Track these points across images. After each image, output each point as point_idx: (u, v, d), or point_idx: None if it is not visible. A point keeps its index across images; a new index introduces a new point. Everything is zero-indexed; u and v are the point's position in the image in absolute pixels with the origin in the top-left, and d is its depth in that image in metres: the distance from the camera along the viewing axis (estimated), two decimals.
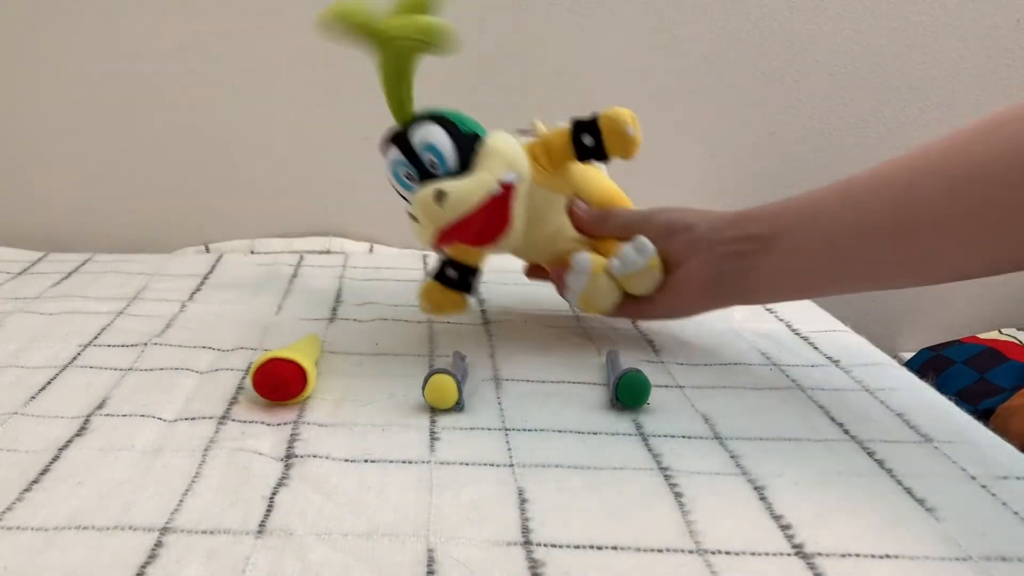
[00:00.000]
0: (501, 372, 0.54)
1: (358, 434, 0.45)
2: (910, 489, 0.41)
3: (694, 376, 0.54)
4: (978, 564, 0.35)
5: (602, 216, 0.57)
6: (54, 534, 0.35)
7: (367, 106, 0.89)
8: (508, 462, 0.42)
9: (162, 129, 0.88)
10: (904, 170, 0.47)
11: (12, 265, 0.78)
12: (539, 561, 0.34)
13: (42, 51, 0.85)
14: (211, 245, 0.89)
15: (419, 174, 0.52)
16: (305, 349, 0.51)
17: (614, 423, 0.47)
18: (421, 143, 0.51)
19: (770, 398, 0.51)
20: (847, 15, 0.89)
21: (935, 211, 0.44)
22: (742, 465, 0.43)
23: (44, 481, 0.40)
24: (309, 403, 0.49)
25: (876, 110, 0.92)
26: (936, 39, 0.90)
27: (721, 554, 0.35)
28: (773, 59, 0.90)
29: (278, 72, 0.87)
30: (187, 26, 0.85)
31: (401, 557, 0.35)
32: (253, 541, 0.35)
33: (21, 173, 0.89)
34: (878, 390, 0.53)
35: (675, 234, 0.54)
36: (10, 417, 0.46)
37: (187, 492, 0.39)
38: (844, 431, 0.47)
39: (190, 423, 0.46)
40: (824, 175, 0.51)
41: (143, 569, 0.33)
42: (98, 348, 0.57)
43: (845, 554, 0.35)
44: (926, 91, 0.92)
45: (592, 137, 0.54)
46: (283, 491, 0.39)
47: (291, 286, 0.73)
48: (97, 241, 0.89)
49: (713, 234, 0.53)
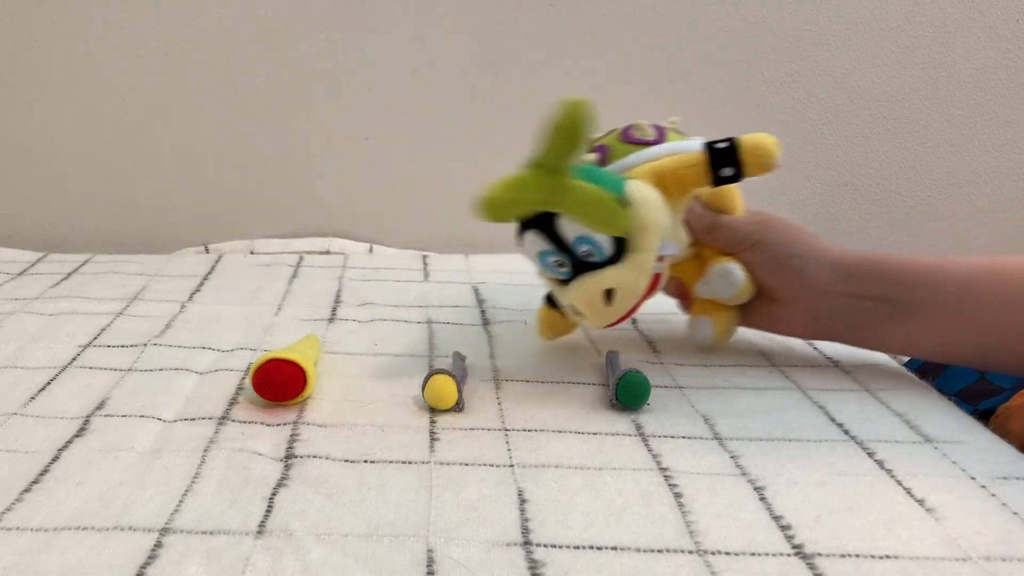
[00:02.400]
0: (501, 372, 0.54)
1: (358, 434, 0.45)
2: (910, 489, 0.41)
3: (694, 376, 0.54)
4: (978, 564, 0.35)
5: (711, 226, 0.54)
6: (53, 535, 0.35)
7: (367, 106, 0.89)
8: (508, 462, 0.42)
9: (162, 129, 0.88)
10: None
11: (12, 266, 0.78)
12: (539, 561, 0.34)
13: (42, 51, 0.85)
14: (211, 245, 0.89)
15: (572, 262, 0.48)
16: (305, 350, 0.50)
17: (614, 423, 0.47)
18: (574, 236, 0.47)
19: (770, 398, 0.51)
20: (847, 16, 0.89)
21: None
22: (742, 465, 0.43)
23: (44, 481, 0.40)
24: (309, 403, 0.49)
25: (876, 110, 0.92)
26: (936, 39, 0.90)
27: (721, 554, 0.35)
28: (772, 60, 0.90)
29: (278, 72, 0.87)
30: (187, 26, 0.85)
31: (401, 557, 0.35)
32: (253, 541, 0.35)
33: (21, 173, 0.89)
34: (878, 391, 0.53)
35: (782, 271, 0.52)
36: (10, 418, 0.46)
37: (187, 492, 0.39)
38: (844, 431, 0.47)
39: (190, 423, 0.46)
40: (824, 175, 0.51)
41: (143, 569, 0.33)
42: (98, 349, 0.57)
43: (845, 554, 0.35)
44: (926, 91, 0.92)
45: (732, 167, 0.49)
46: (283, 491, 0.39)
47: (291, 286, 0.73)
48: (97, 242, 0.89)
49: (826, 283, 0.51)
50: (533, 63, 0.88)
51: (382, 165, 0.91)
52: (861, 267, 0.51)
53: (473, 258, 0.85)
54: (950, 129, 0.93)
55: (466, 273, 0.79)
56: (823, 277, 0.51)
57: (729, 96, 0.91)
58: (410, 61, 0.87)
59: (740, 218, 0.55)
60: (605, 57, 0.88)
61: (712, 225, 0.54)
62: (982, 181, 0.96)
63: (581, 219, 0.45)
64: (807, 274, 0.52)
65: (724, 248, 0.55)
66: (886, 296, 0.50)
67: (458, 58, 0.88)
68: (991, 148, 0.94)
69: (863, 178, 0.95)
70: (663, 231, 0.48)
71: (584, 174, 0.47)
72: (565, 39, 0.88)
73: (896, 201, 0.96)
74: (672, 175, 0.51)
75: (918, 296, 0.49)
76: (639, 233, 0.47)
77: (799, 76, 0.91)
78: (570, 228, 0.47)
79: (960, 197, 0.96)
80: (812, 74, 0.91)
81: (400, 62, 0.87)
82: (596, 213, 0.45)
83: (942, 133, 0.93)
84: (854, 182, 0.95)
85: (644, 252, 0.47)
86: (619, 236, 0.46)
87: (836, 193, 0.95)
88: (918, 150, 0.94)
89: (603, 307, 0.48)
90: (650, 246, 0.47)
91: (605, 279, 0.47)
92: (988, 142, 0.94)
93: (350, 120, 0.89)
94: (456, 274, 0.79)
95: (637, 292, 0.48)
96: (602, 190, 0.45)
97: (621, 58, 0.89)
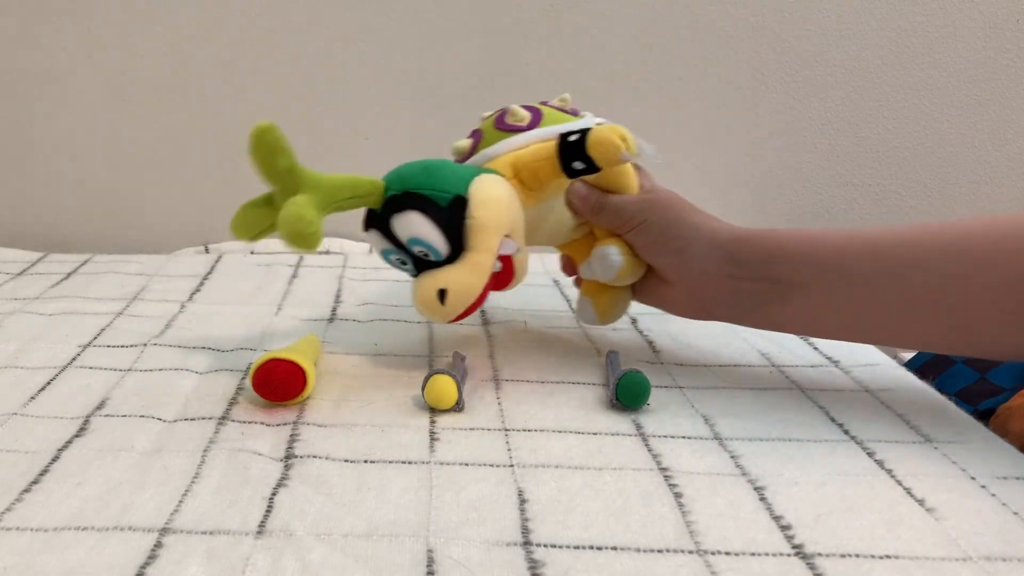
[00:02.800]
0: (501, 372, 0.54)
1: (358, 434, 0.45)
2: (910, 489, 0.41)
3: (694, 377, 0.54)
4: (978, 564, 0.35)
5: (597, 206, 0.53)
6: (53, 535, 0.35)
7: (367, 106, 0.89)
8: (508, 462, 0.42)
9: (162, 129, 0.88)
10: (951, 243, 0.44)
11: (12, 266, 0.78)
12: (539, 561, 0.34)
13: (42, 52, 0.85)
14: (211, 245, 0.89)
15: (412, 261, 0.49)
16: (305, 350, 0.50)
17: (614, 423, 0.47)
18: (407, 238, 0.48)
19: (770, 398, 0.51)
20: (847, 16, 0.89)
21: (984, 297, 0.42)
22: (742, 465, 0.43)
23: (44, 481, 0.40)
24: (309, 403, 0.49)
25: (875, 110, 0.92)
26: (936, 39, 0.90)
27: (721, 554, 0.35)
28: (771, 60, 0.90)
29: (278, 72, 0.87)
30: (187, 26, 0.85)
31: (400, 557, 0.34)
32: (253, 541, 0.35)
33: (21, 173, 0.89)
34: (878, 390, 0.53)
35: (665, 253, 0.51)
36: (10, 418, 0.46)
37: (187, 493, 0.39)
38: (844, 431, 0.47)
39: (190, 423, 0.46)
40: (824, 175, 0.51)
41: (142, 570, 0.33)
42: (98, 349, 0.57)
43: (845, 554, 0.35)
44: (926, 91, 0.92)
45: (583, 162, 0.49)
46: (283, 491, 0.39)
47: (291, 286, 0.73)
48: (96, 241, 0.89)
49: (707, 266, 0.50)
50: (533, 63, 0.88)
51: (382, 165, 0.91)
52: (741, 247, 0.49)
53: None
54: (950, 129, 0.93)
55: None
56: (704, 260, 0.50)
57: (729, 96, 0.91)
58: (410, 61, 0.87)
59: (627, 197, 0.53)
60: (605, 57, 0.88)
61: (598, 205, 0.53)
62: (982, 181, 0.96)
63: (281, 237, 0.46)
64: (687, 256, 0.50)
65: (610, 229, 0.53)
66: (767, 276, 0.48)
67: (458, 58, 0.88)
68: (991, 148, 0.94)
69: (863, 178, 0.95)
70: (504, 230, 0.48)
71: (423, 169, 0.48)
72: (565, 39, 0.88)
73: (896, 201, 0.96)
74: (526, 168, 0.50)
75: (799, 275, 0.47)
76: (474, 233, 0.47)
77: (799, 76, 0.91)
78: (402, 229, 0.47)
79: (960, 197, 0.96)
80: (812, 74, 0.91)
81: (400, 62, 0.87)
82: (284, 231, 0.45)
83: (942, 133, 0.93)
84: (854, 182, 0.95)
85: (481, 252, 0.47)
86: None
87: (836, 193, 0.95)
88: (918, 150, 0.94)
89: (438, 306, 0.48)
90: (487, 246, 0.47)
91: (438, 280, 0.48)
92: (988, 142, 0.94)
93: (350, 120, 0.89)
94: None
95: (472, 292, 0.48)
96: (300, 206, 0.45)
97: (621, 58, 0.89)
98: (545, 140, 0.51)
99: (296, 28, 0.85)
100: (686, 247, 0.50)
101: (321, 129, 0.89)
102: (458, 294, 0.48)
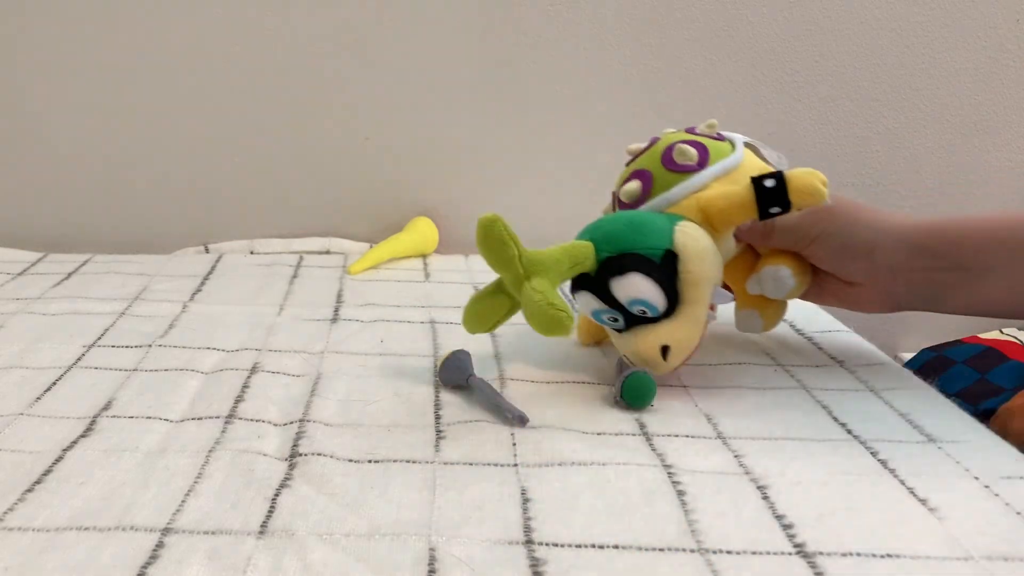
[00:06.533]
0: (506, 372, 0.54)
1: (362, 434, 0.45)
2: (912, 489, 0.41)
3: (697, 376, 0.54)
4: (979, 564, 0.35)
5: (766, 231, 0.53)
6: (55, 534, 0.35)
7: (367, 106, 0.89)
8: (512, 462, 0.42)
9: (162, 129, 0.88)
10: None
11: (12, 266, 0.78)
12: (541, 560, 0.34)
13: (43, 52, 0.85)
14: (211, 245, 0.89)
15: (626, 320, 0.49)
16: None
17: (618, 422, 0.47)
18: (628, 300, 0.48)
19: (773, 398, 0.51)
20: (847, 16, 0.89)
21: None
22: (744, 464, 0.43)
23: (47, 481, 0.40)
24: (314, 402, 0.49)
25: (875, 110, 0.92)
26: (936, 39, 0.90)
27: (723, 553, 0.35)
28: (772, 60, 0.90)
29: (278, 73, 0.87)
30: (188, 27, 0.85)
31: (402, 557, 0.35)
32: (255, 542, 0.35)
33: (21, 173, 0.89)
34: (882, 390, 0.53)
35: (852, 258, 0.51)
36: (16, 418, 0.46)
37: (189, 492, 0.39)
38: (847, 431, 0.47)
39: (196, 423, 0.46)
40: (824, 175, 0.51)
41: (144, 569, 0.33)
42: (102, 349, 0.57)
43: (846, 553, 0.35)
44: (926, 91, 0.92)
45: (780, 206, 0.49)
46: (285, 492, 0.39)
47: (292, 286, 0.73)
48: (97, 241, 0.89)
49: (899, 261, 0.50)
50: (533, 64, 0.88)
51: (382, 165, 0.91)
52: (929, 239, 0.50)
53: (473, 258, 0.85)
54: (949, 129, 0.93)
55: (467, 273, 0.79)
56: (894, 257, 0.50)
57: (728, 96, 0.91)
58: (410, 61, 0.87)
59: (796, 216, 0.52)
60: (604, 57, 0.88)
61: (767, 230, 0.53)
62: (981, 181, 0.96)
63: (536, 329, 0.47)
64: (877, 257, 0.50)
65: (785, 248, 0.53)
66: (959, 264, 0.49)
67: (458, 58, 0.88)
68: (991, 148, 0.94)
69: (863, 178, 0.95)
70: (714, 281, 0.49)
71: (628, 226, 0.48)
72: (565, 39, 0.88)
73: (896, 201, 0.96)
74: (719, 213, 0.51)
75: (989, 259, 0.48)
76: (690, 288, 0.48)
77: (799, 76, 0.91)
78: (623, 291, 0.48)
79: (960, 197, 0.96)
80: (812, 74, 0.91)
81: (400, 62, 0.87)
82: (540, 323, 0.46)
83: (941, 133, 0.93)
84: (854, 182, 0.96)
85: (696, 305, 0.48)
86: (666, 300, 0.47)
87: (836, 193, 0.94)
88: (918, 150, 0.94)
89: (660, 361, 0.49)
90: (702, 298, 0.49)
91: (660, 336, 0.48)
92: (988, 142, 0.94)
93: (350, 120, 0.89)
94: (456, 274, 0.79)
95: (690, 346, 0.49)
96: (544, 293, 0.45)
97: (621, 58, 0.89)
98: (719, 176, 0.52)
99: (296, 28, 0.85)
100: (874, 249, 0.51)
101: (321, 129, 0.89)
102: (680, 350, 0.49)
